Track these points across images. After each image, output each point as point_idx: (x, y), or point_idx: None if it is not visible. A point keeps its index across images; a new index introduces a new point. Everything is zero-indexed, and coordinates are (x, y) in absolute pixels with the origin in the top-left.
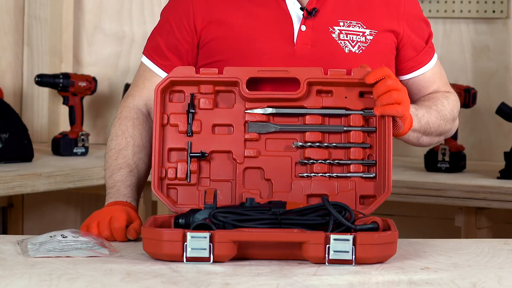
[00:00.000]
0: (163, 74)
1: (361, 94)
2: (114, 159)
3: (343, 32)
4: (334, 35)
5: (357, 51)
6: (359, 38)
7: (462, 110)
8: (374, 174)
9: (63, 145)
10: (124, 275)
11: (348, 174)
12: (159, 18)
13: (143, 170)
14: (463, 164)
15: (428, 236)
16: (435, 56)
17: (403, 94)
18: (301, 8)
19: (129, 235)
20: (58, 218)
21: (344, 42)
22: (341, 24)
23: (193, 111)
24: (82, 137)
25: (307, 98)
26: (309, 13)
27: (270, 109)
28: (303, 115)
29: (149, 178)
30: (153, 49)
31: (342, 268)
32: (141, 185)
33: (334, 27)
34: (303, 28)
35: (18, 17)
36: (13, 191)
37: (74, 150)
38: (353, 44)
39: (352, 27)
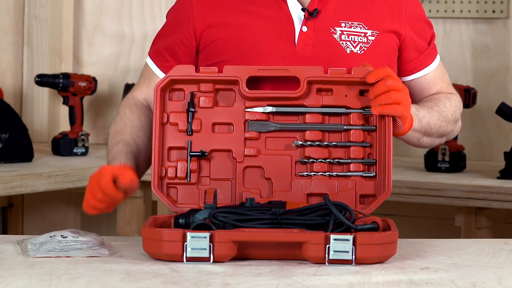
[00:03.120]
0: (161, 74)
1: (361, 93)
2: (113, 139)
3: (345, 33)
4: (335, 36)
5: (358, 52)
6: (360, 39)
7: (462, 110)
8: (374, 173)
9: (63, 145)
10: (124, 275)
11: (348, 173)
12: (159, 18)
13: (142, 147)
14: (463, 164)
15: (428, 236)
16: (438, 57)
17: (403, 94)
18: (303, 9)
19: (120, 184)
20: (58, 218)
21: (346, 43)
22: (343, 25)
23: (193, 109)
24: (82, 137)
25: (307, 96)
26: (310, 14)
27: (270, 108)
28: (303, 113)
29: (149, 178)
30: (155, 50)
31: (342, 268)
32: (139, 156)
33: (335, 28)
34: (304, 29)
35: (18, 17)
36: (13, 191)
37: (74, 150)
38: (354, 45)
39: (354, 28)
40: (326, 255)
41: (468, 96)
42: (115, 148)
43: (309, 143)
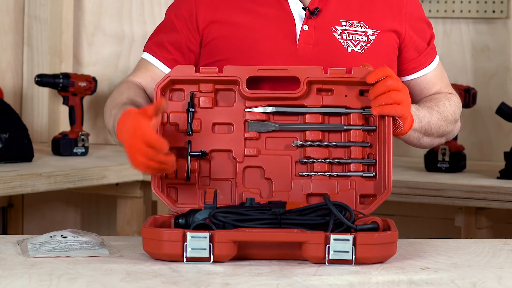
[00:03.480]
0: (160, 65)
1: (361, 93)
2: (110, 107)
3: (346, 31)
4: (336, 35)
5: (359, 51)
6: (361, 38)
7: (462, 110)
8: (374, 173)
9: (63, 145)
10: (124, 275)
11: (348, 173)
12: (159, 18)
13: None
14: (463, 164)
15: (428, 236)
16: (437, 57)
17: (403, 94)
18: (304, 8)
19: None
20: (58, 218)
21: (347, 42)
22: (344, 24)
23: (193, 110)
24: (82, 137)
25: (307, 97)
26: (311, 12)
27: (270, 108)
28: (303, 114)
29: (149, 178)
30: (154, 44)
31: (342, 268)
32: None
33: (336, 26)
34: (306, 27)
35: (18, 17)
36: (13, 191)
37: (74, 150)
38: (355, 44)
39: (355, 27)
40: (326, 255)
41: (468, 96)
42: (114, 110)
43: (309, 143)
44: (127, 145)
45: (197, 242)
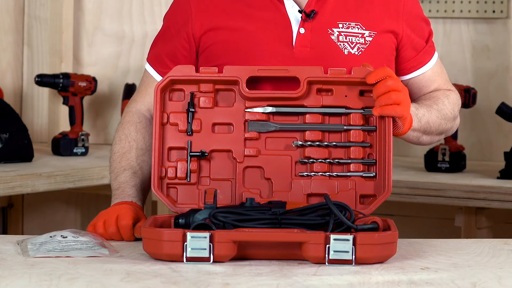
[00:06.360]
0: (160, 79)
1: (361, 93)
2: (118, 162)
3: (342, 33)
4: (333, 37)
5: (356, 53)
6: (358, 40)
7: (462, 110)
8: (374, 173)
9: (63, 145)
10: (124, 275)
11: (348, 173)
12: (159, 18)
13: (147, 172)
14: (463, 164)
15: (428, 236)
16: (436, 54)
17: (403, 95)
18: (300, 11)
19: (137, 233)
20: (58, 218)
21: (343, 44)
22: (340, 25)
23: (193, 110)
24: (82, 137)
25: (307, 97)
26: (307, 15)
27: (270, 108)
28: (303, 114)
29: None
30: (154, 56)
31: (342, 268)
32: (146, 186)
33: (333, 29)
34: (302, 30)
35: (18, 17)
36: (13, 191)
37: (74, 150)
38: (352, 46)
39: (351, 29)
40: (326, 255)
41: (468, 96)
42: (122, 175)
43: (309, 143)
44: (102, 220)
45: (197, 242)
